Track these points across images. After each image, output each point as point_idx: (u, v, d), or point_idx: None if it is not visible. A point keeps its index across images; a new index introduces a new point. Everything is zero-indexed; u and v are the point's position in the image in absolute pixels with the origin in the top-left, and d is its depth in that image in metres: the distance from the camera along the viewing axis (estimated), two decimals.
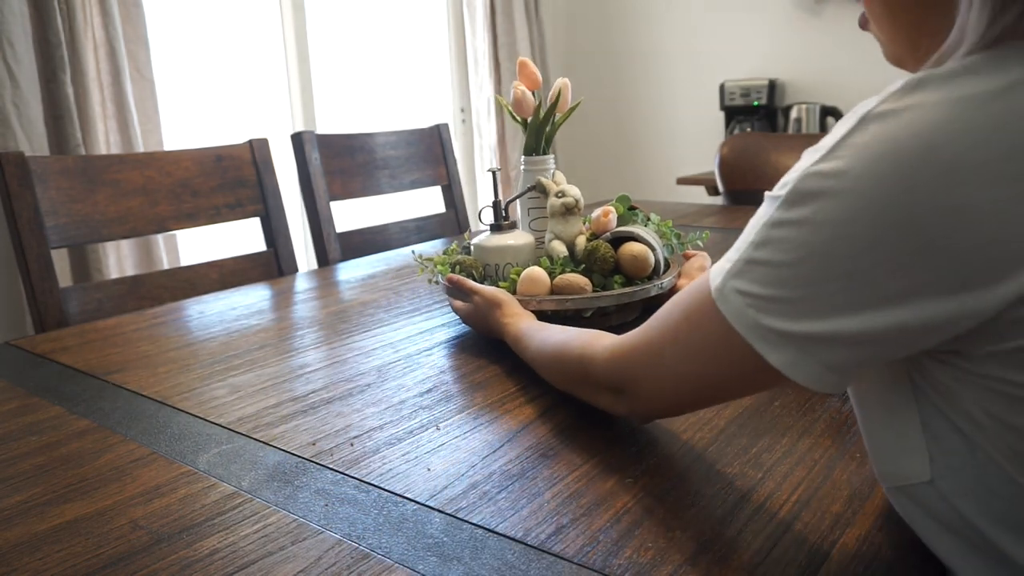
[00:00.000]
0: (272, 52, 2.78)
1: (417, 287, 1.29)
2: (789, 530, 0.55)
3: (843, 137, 0.45)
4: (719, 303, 0.50)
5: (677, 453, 0.67)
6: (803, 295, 0.46)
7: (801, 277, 0.46)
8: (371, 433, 0.74)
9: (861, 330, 0.44)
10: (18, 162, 1.26)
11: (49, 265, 1.27)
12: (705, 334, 0.52)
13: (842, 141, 0.44)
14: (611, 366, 0.64)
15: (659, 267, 1.00)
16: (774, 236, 0.47)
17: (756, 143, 2.16)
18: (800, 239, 0.45)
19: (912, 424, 0.48)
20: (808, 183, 0.45)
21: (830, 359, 0.46)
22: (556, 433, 0.72)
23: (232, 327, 1.11)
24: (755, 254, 0.48)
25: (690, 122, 3.43)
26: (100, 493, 0.64)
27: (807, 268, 0.45)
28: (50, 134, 1.98)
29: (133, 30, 2.15)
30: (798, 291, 0.46)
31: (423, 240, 1.89)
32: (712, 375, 0.54)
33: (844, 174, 0.44)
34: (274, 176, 1.63)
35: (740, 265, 0.49)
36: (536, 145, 1.11)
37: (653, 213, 1.12)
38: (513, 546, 0.54)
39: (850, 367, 0.47)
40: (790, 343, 0.47)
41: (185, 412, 0.81)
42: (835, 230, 0.44)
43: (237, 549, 0.55)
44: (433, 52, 3.34)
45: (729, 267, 0.50)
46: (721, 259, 0.52)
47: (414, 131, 2.00)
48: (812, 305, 0.46)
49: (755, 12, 3.19)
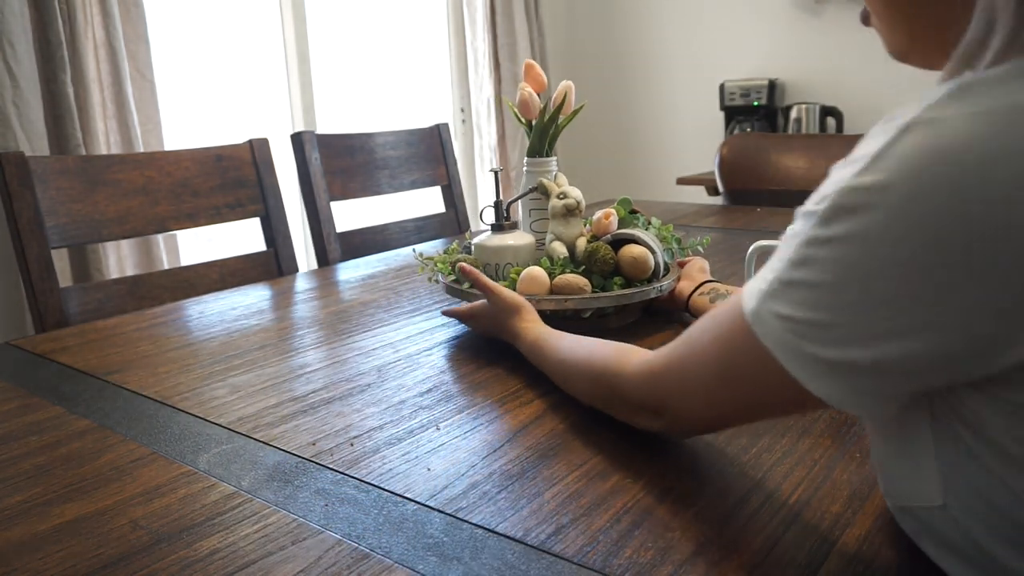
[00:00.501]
0: (272, 52, 2.78)
1: (417, 287, 1.29)
2: (789, 530, 0.56)
3: (884, 148, 0.41)
4: (755, 326, 0.47)
5: (677, 453, 0.67)
6: (846, 319, 0.43)
7: (844, 300, 0.43)
8: (371, 433, 0.74)
9: (908, 356, 0.42)
10: (18, 162, 1.26)
11: (49, 265, 1.27)
12: (738, 358, 0.50)
13: (883, 152, 0.41)
14: (643, 386, 0.62)
15: (659, 270, 1.01)
16: (812, 255, 0.44)
17: (756, 143, 2.16)
18: (841, 258, 0.43)
19: (926, 447, 0.46)
20: (848, 198, 0.42)
21: (876, 387, 0.44)
22: (556, 433, 0.72)
23: (232, 327, 1.11)
24: (793, 274, 0.45)
25: (690, 122, 3.43)
26: (100, 493, 0.64)
27: (850, 290, 0.42)
28: (50, 134, 1.98)
29: (133, 30, 2.15)
30: (841, 315, 0.43)
31: (423, 240, 1.89)
32: (746, 398, 0.52)
33: (887, 188, 0.40)
34: (274, 176, 1.63)
35: (777, 286, 0.46)
36: (540, 147, 1.11)
37: (654, 217, 1.12)
38: (513, 546, 0.54)
39: (896, 393, 0.45)
40: (833, 371, 0.44)
41: (185, 412, 0.81)
42: (879, 249, 0.41)
43: (237, 549, 0.55)
44: (433, 52, 3.34)
45: (765, 288, 0.47)
46: (754, 278, 0.50)
47: (414, 131, 2.00)
48: (856, 330, 0.43)
49: (755, 12, 3.19)
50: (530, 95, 1.10)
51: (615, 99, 3.62)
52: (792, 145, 2.11)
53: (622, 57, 3.59)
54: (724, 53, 3.28)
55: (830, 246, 0.43)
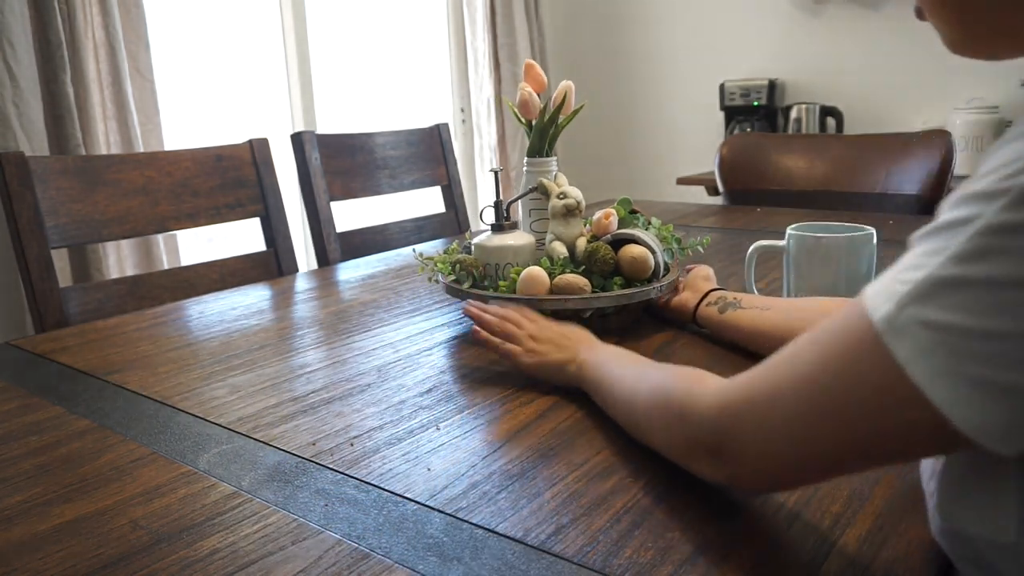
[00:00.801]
0: (272, 52, 2.78)
1: (417, 287, 1.29)
2: (789, 530, 0.56)
3: None
4: (888, 337, 0.38)
5: None
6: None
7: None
8: (371, 433, 0.74)
9: None
10: (18, 162, 1.26)
11: (49, 265, 1.27)
12: (853, 379, 0.40)
13: None
14: (713, 416, 0.51)
15: (659, 270, 1.01)
16: (1000, 245, 0.35)
17: (756, 143, 2.16)
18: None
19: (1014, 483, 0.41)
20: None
21: None
22: (556, 433, 0.72)
23: (232, 327, 1.11)
24: (963, 271, 0.36)
25: (690, 122, 3.42)
26: (100, 493, 0.64)
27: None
28: (50, 134, 1.98)
29: (133, 30, 2.15)
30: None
31: (423, 240, 1.89)
32: (855, 436, 0.42)
33: None
34: (274, 176, 1.63)
35: (928, 286, 0.37)
36: (540, 147, 1.11)
37: (654, 217, 1.12)
38: (513, 546, 0.54)
39: None
40: (1006, 398, 0.35)
41: (185, 412, 0.81)
42: None
43: (237, 549, 0.55)
44: (433, 52, 3.34)
45: (909, 289, 0.38)
46: (881, 279, 0.41)
47: (414, 131, 2.00)
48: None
49: (755, 12, 3.19)
50: (530, 95, 1.10)
51: (615, 99, 3.62)
52: (792, 145, 2.11)
53: (622, 57, 3.59)
54: (724, 53, 3.28)
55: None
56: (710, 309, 0.94)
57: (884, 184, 1.86)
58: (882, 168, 1.87)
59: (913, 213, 1.78)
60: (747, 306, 0.90)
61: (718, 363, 0.88)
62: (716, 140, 2.94)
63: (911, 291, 0.38)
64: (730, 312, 0.91)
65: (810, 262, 0.96)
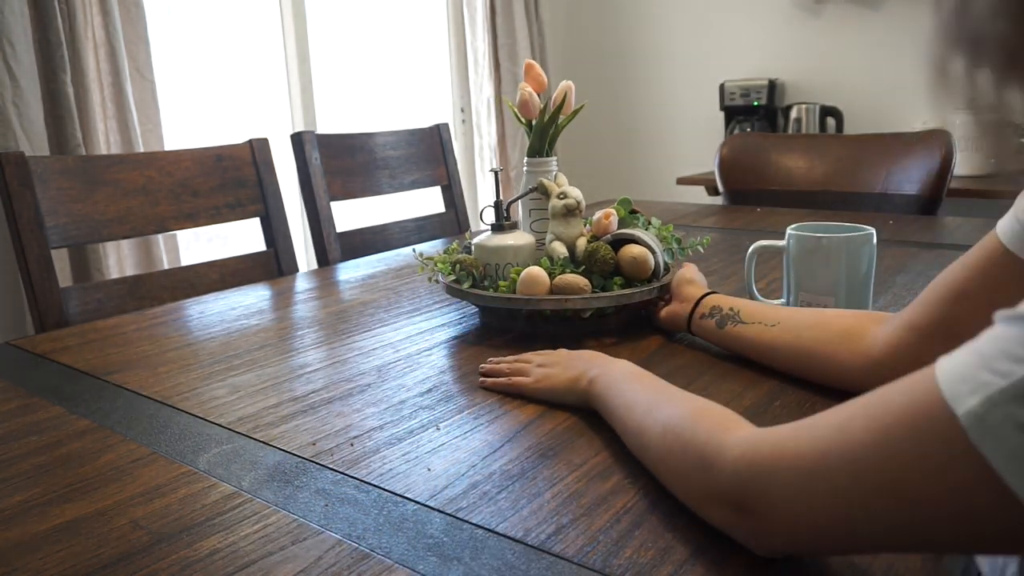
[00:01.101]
0: (272, 52, 2.78)
1: (417, 287, 1.29)
2: None
3: None
4: (978, 438, 0.34)
5: None
6: None
7: None
8: (371, 433, 0.74)
9: None
10: (18, 162, 1.26)
11: (49, 265, 1.27)
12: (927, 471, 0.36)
13: None
14: (741, 469, 0.47)
15: (659, 270, 1.01)
16: None
17: (756, 143, 2.16)
18: None
19: None
20: None
21: None
22: (556, 433, 0.72)
23: (232, 327, 1.11)
24: None
25: (690, 122, 3.42)
26: (100, 493, 0.64)
27: None
28: (50, 134, 1.98)
29: (133, 30, 2.15)
30: None
31: (423, 240, 1.89)
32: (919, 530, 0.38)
33: None
34: (274, 176, 1.63)
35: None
36: (540, 147, 1.11)
37: (654, 217, 1.12)
38: (513, 546, 0.54)
39: None
40: None
41: (185, 412, 0.81)
42: None
43: (237, 549, 0.55)
44: (433, 52, 3.34)
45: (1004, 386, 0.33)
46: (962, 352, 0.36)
47: (414, 131, 2.00)
48: None
49: (755, 12, 3.19)
50: (530, 95, 1.10)
51: (615, 99, 3.62)
52: (792, 145, 2.11)
53: (622, 57, 3.59)
54: (724, 53, 3.28)
55: None
56: (706, 323, 0.89)
57: (884, 184, 1.86)
58: (882, 168, 1.87)
59: (913, 213, 1.78)
60: (748, 320, 0.85)
61: (719, 363, 0.88)
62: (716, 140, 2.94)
63: (1008, 389, 0.33)
64: (730, 327, 0.86)
65: (810, 262, 0.96)
